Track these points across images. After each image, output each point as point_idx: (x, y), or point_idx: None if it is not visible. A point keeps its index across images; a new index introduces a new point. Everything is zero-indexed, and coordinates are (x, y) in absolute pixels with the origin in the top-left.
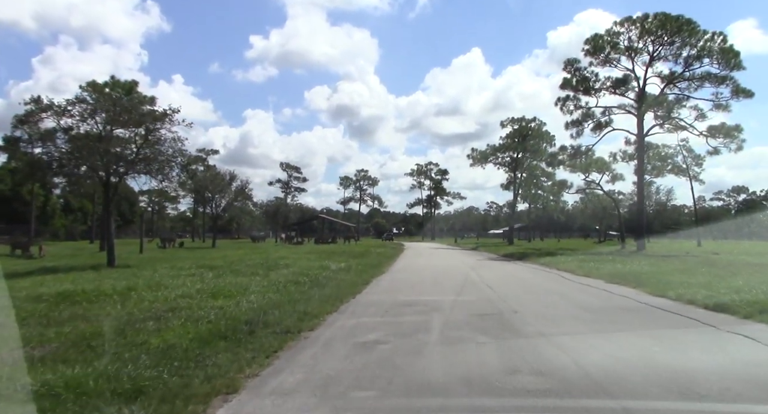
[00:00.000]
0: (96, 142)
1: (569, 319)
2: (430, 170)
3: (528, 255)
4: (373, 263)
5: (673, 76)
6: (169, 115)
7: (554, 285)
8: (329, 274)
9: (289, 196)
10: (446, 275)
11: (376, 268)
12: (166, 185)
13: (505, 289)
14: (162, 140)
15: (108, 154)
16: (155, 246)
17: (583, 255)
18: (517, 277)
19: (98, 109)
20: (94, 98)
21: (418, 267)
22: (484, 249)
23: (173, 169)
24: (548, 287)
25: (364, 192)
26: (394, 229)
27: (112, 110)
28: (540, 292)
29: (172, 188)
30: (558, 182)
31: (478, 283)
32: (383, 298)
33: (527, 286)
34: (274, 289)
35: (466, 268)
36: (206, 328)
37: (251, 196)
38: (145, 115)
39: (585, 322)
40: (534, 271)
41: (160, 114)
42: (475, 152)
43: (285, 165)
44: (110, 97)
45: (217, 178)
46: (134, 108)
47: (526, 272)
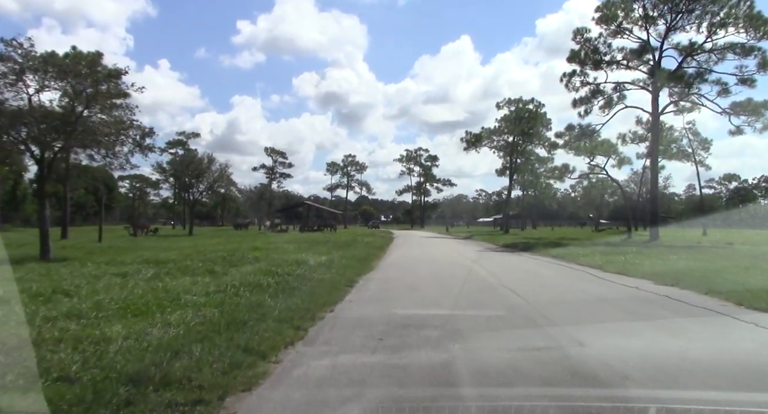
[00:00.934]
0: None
1: (690, 366)
2: (419, 156)
3: (532, 245)
4: (359, 255)
5: (693, 48)
6: (115, 77)
7: (597, 288)
8: (305, 272)
9: (274, 182)
10: (449, 272)
11: (364, 262)
12: (110, 161)
13: (535, 295)
14: (107, 107)
15: (37, 122)
16: (127, 233)
17: (594, 245)
18: (537, 275)
19: (26, 70)
20: (22, 55)
21: (412, 260)
22: (480, 238)
23: (122, 143)
24: (593, 293)
25: (351, 178)
26: (382, 217)
27: (42, 70)
28: (590, 304)
29: (117, 165)
30: (560, 166)
31: (494, 284)
32: (373, 311)
33: (561, 290)
34: (220, 298)
35: (469, 262)
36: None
37: (232, 181)
38: (82, 75)
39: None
40: (554, 267)
41: (104, 74)
42: (469, 135)
43: (270, 150)
44: (42, 56)
45: (194, 161)
46: (72, 69)
47: (545, 268)
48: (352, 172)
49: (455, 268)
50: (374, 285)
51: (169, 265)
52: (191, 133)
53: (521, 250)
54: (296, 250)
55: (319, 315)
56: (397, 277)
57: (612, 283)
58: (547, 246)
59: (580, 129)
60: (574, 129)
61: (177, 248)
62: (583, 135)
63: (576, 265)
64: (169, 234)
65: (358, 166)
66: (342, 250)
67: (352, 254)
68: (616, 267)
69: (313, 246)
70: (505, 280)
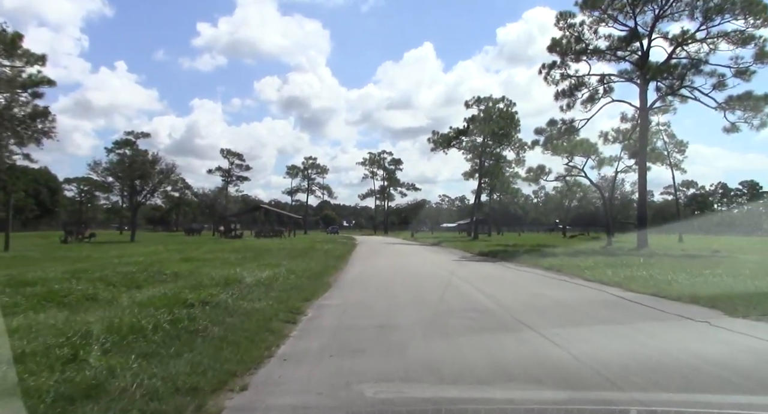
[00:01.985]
0: None
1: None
2: (383, 160)
3: (511, 253)
4: (314, 269)
5: (685, 36)
6: None
7: (679, 332)
8: (231, 298)
9: (230, 185)
10: (434, 295)
11: (318, 279)
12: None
13: (584, 343)
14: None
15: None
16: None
17: (584, 254)
18: (556, 302)
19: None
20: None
21: (381, 275)
22: (450, 245)
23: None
24: (683, 343)
25: (312, 181)
26: (345, 223)
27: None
28: (698, 370)
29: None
30: (536, 168)
31: (504, 318)
32: (321, 389)
33: (624, 336)
34: (47, 361)
35: (454, 279)
36: None
37: (186, 183)
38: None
39: None
40: (565, 286)
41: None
42: (436, 135)
43: (226, 152)
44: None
45: (136, 161)
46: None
47: (555, 288)
48: (312, 176)
49: (439, 288)
50: (329, 320)
51: (38, 288)
52: (140, 133)
53: (503, 259)
54: (237, 262)
55: (219, 403)
56: (363, 302)
57: (685, 321)
58: (530, 254)
59: (563, 123)
60: (557, 124)
61: (95, 258)
62: (566, 131)
63: (586, 282)
64: (110, 240)
65: (319, 169)
66: (295, 261)
67: (305, 267)
68: (643, 285)
69: (261, 256)
70: (515, 309)
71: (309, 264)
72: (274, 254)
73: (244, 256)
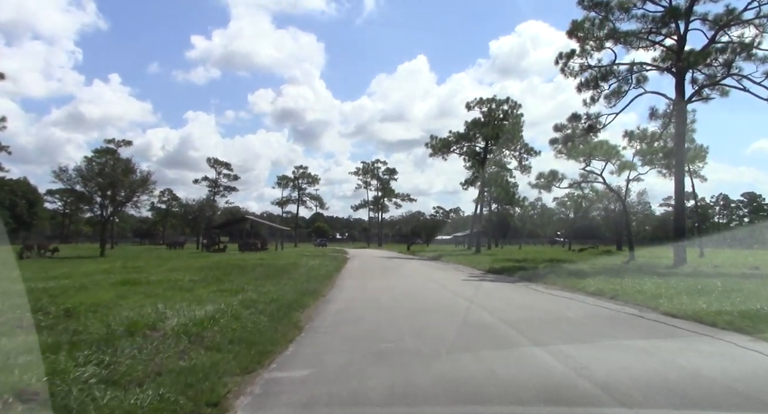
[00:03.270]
0: None
1: None
2: (377, 169)
3: (529, 271)
4: (286, 297)
5: (730, 17)
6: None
7: None
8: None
9: (218, 195)
10: (455, 337)
11: (286, 316)
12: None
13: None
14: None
15: None
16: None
17: (618, 273)
18: (683, 368)
19: None
20: None
21: (375, 304)
22: (451, 259)
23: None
24: None
25: (303, 191)
26: (338, 235)
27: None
28: None
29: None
30: (548, 174)
31: (594, 396)
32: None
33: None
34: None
35: (472, 308)
36: None
37: (152, 191)
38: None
39: None
40: (653, 328)
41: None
42: (435, 140)
43: (213, 161)
44: None
45: (107, 169)
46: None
47: (647, 333)
48: (303, 186)
49: (464, 331)
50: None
51: None
52: (121, 141)
53: (525, 279)
54: (189, 287)
55: None
56: (348, 372)
57: None
58: (554, 272)
59: (587, 118)
60: (579, 119)
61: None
62: (590, 128)
63: (692, 324)
64: (79, 255)
65: (310, 179)
66: (266, 284)
67: (275, 293)
68: None
69: (228, 276)
70: (634, 393)
71: (282, 288)
72: (246, 273)
73: (206, 276)
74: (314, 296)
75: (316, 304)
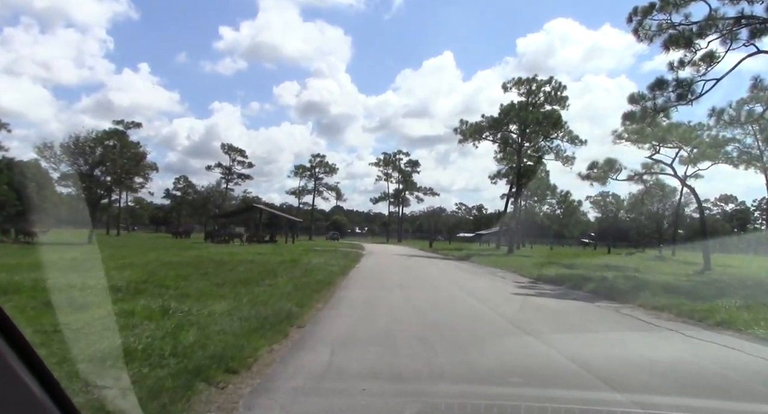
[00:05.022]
0: None
1: None
2: (398, 160)
3: (599, 282)
4: (244, 327)
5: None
6: None
7: None
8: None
9: (231, 183)
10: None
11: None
12: None
13: None
14: None
15: None
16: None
17: (720, 290)
18: None
19: None
20: None
21: (390, 361)
22: (482, 260)
23: None
24: None
25: (319, 181)
26: (357, 229)
27: None
28: None
29: None
30: (603, 163)
31: None
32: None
33: None
34: None
35: (604, 388)
36: None
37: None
38: None
39: None
40: None
41: None
42: (464, 125)
43: (227, 146)
44: None
45: (95, 144)
46: None
47: None
48: (320, 175)
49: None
50: None
51: None
52: (131, 123)
53: (602, 295)
54: (85, 302)
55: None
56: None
57: None
58: (649, 290)
59: (676, 85)
60: (666, 86)
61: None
62: (679, 97)
63: None
64: (65, 241)
65: (328, 168)
66: (220, 300)
67: (234, 318)
68: None
69: (182, 279)
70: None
71: (238, 308)
72: (217, 274)
73: (149, 279)
74: (279, 330)
75: (266, 358)
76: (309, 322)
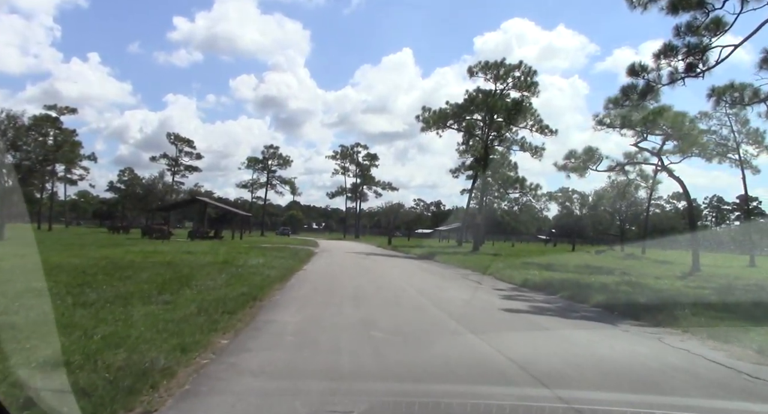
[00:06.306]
0: None
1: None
2: (356, 153)
3: (613, 294)
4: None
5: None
6: None
7: None
8: None
9: (177, 175)
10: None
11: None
12: None
13: None
14: None
15: None
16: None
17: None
18: None
19: None
20: None
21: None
22: (448, 259)
23: None
24: None
25: (273, 174)
26: (314, 225)
27: None
28: None
29: None
30: (582, 152)
31: None
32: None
33: None
34: None
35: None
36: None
37: (73, 160)
38: None
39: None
40: None
41: None
42: (428, 112)
43: (174, 136)
44: None
45: (8, 131)
46: None
47: None
48: (273, 168)
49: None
50: None
51: None
52: (64, 108)
53: (626, 315)
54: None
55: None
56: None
57: None
58: (681, 303)
59: (687, 51)
60: (675, 52)
61: None
62: (689, 67)
63: None
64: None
65: (282, 160)
66: (105, 324)
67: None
68: None
69: (77, 291)
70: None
71: (81, 358)
72: (115, 282)
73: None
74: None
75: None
76: (168, 398)
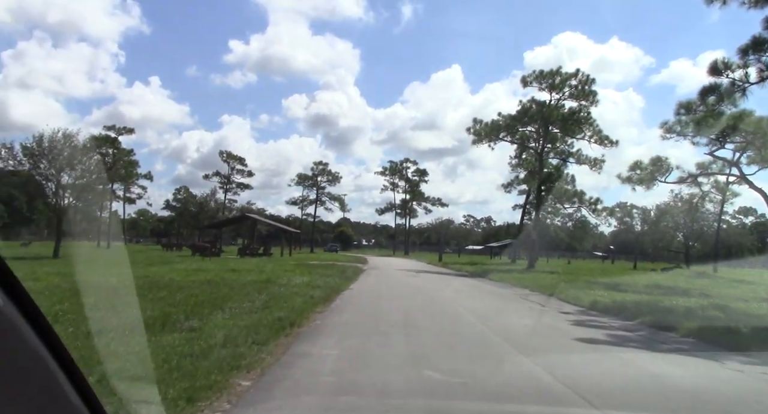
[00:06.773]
0: None
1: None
2: (405, 169)
3: (690, 318)
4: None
5: None
6: None
7: None
8: None
9: (230, 192)
10: None
11: None
12: None
13: None
14: None
15: None
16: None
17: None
18: None
19: None
20: None
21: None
22: (505, 278)
23: None
24: None
25: (322, 190)
26: (364, 241)
27: None
28: None
29: None
30: (653, 161)
31: None
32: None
33: None
34: None
35: None
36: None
37: (126, 176)
38: None
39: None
40: None
41: None
42: (479, 124)
43: (226, 154)
44: None
45: (59, 146)
46: None
47: None
48: (323, 184)
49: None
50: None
51: None
52: (123, 128)
53: (729, 348)
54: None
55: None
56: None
57: None
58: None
59: None
60: (765, 47)
61: None
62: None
63: None
64: (33, 255)
65: (331, 177)
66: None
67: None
68: None
69: (102, 314)
70: None
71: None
72: (150, 304)
73: None
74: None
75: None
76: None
